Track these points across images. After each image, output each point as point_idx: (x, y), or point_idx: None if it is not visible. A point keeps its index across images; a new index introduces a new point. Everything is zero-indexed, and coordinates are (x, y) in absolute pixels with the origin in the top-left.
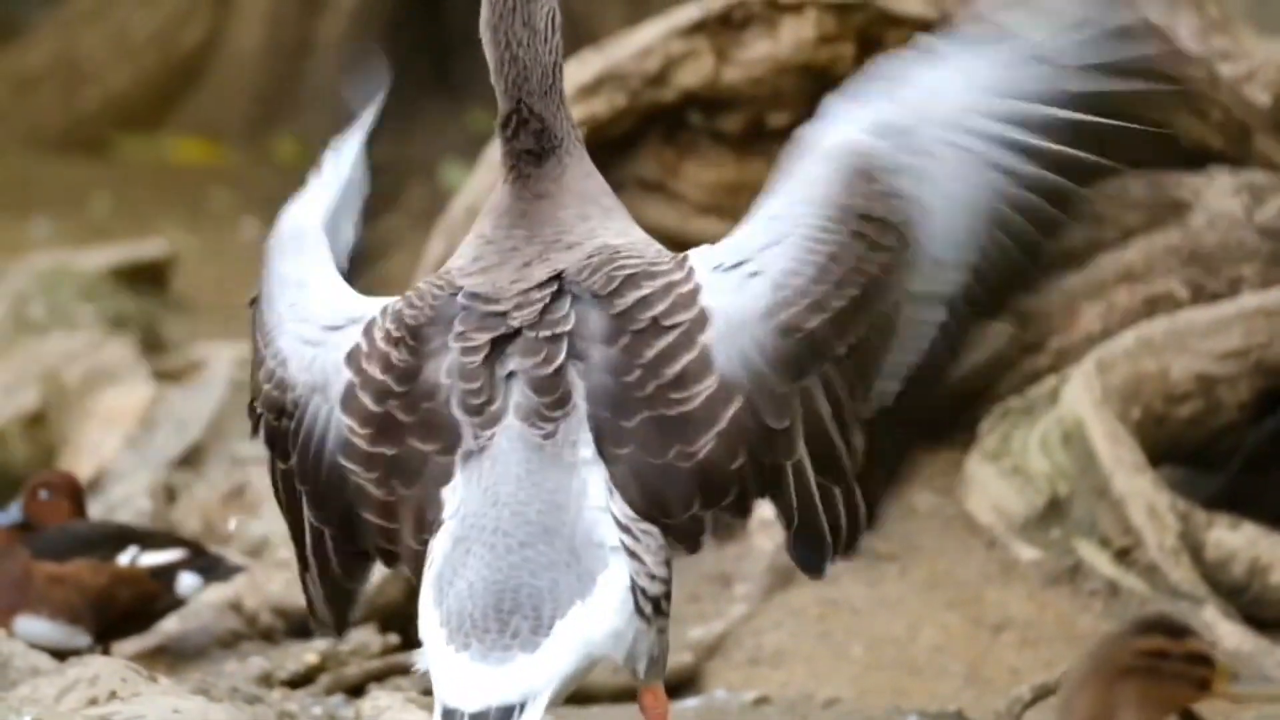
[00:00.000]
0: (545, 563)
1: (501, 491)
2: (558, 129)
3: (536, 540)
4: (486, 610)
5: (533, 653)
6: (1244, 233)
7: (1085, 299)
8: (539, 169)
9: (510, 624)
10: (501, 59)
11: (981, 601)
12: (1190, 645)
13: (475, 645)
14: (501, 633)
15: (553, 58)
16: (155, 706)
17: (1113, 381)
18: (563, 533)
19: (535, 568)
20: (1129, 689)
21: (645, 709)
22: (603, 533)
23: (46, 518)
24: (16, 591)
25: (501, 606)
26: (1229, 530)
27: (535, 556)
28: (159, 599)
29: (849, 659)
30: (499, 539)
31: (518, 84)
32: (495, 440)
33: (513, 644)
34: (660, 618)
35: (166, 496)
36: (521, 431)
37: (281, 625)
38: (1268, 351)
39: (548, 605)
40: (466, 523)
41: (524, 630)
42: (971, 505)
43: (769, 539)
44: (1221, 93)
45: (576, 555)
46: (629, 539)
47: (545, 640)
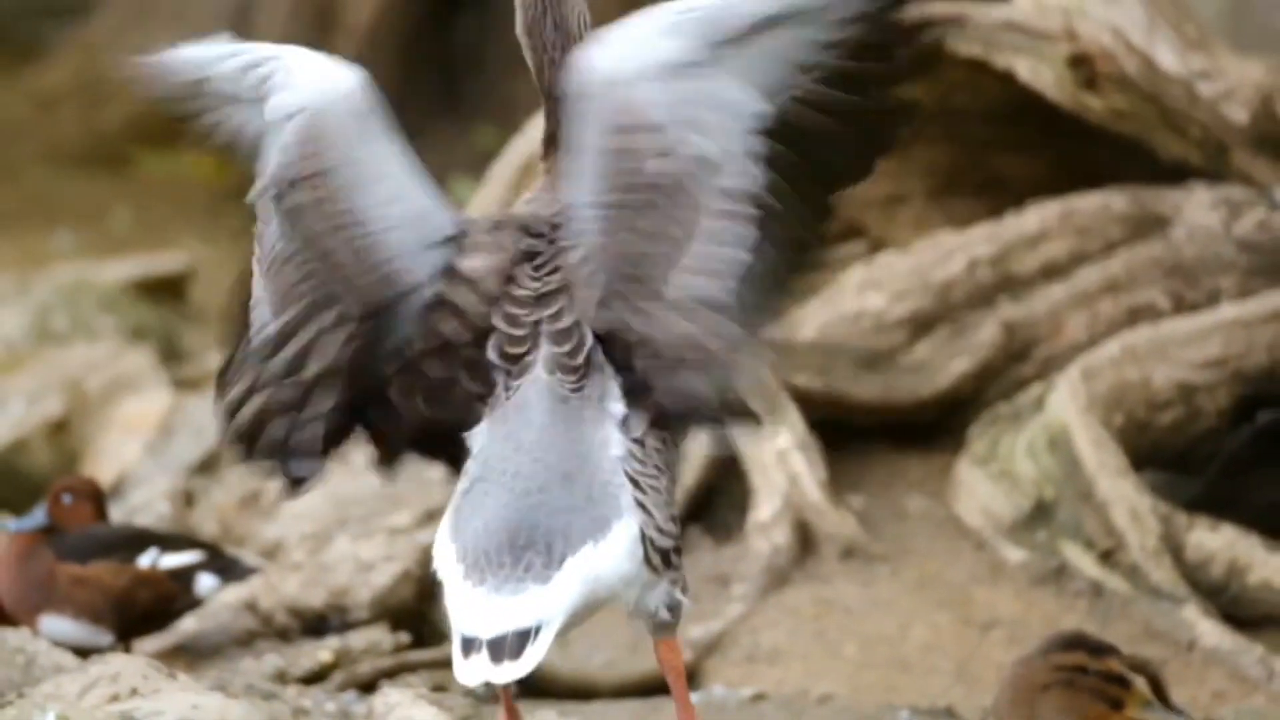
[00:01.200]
0: (561, 506)
1: (524, 438)
2: None
3: (553, 485)
4: (501, 546)
5: (544, 584)
6: (1222, 246)
7: (1070, 309)
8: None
9: (523, 559)
10: (540, 62)
11: (970, 601)
12: (1108, 664)
13: (490, 579)
14: (515, 566)
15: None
16: (175, 703)
17: (1097, 389)
18: (580, 479)
19: (551, 509)
20: (1049, 702)
21: (661, 660)
22: (619, 483)
23: (69, 521)
24: (41, 592)
25: (516, 542)
26: (1209, 532)
27: (550, 500)
28: (178, 599)
29: (843, 657)
30: (517, 482)
31: (556, 85)
32: (522, 390)
33: (526, 576)
34: (670, 570)
35: (185, 501)
36: (549, 383)
37: (296, 624)
38: (1245, 360)
39: (559, 543)
40: (487, 465)
41: (536, 564)
42: (961, 508)
43: (765, 540)
44: (1200, 110)
45: (592, 501)
46: (639, 493)
47: (556, 574)
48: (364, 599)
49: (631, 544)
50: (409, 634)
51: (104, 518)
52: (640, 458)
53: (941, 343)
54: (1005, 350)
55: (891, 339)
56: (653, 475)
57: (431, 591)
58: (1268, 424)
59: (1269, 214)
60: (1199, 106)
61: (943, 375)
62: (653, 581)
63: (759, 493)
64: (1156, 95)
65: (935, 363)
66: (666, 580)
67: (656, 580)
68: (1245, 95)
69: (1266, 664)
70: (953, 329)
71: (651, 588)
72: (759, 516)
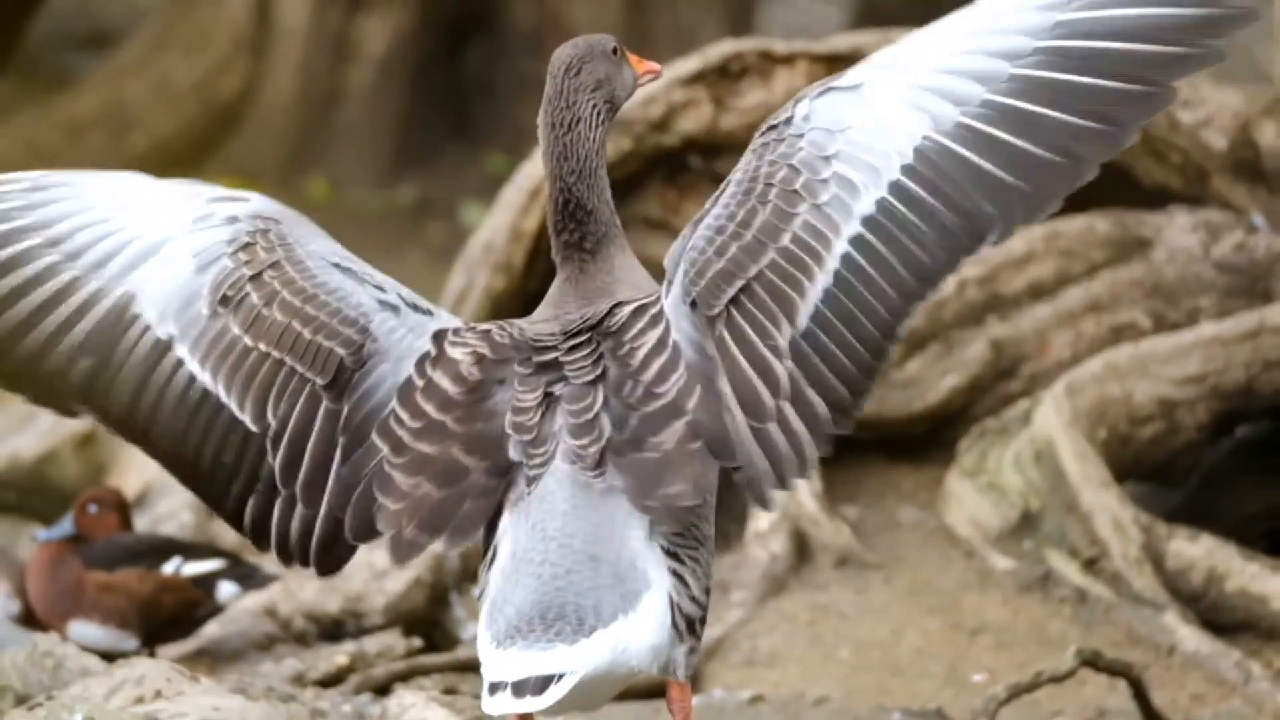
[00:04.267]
0: (589, 585)
1: (549, 526)
2: (602, 216)
3: (582, 566)
4: (533, 619)
5: (571, 645)
6: (1201, 267)
7: (1055, 328)
8: (594, 263)
9: (554, 626)
10: (548, 142)
11: (960, 607)
12: None
13: (521, 642)
14: (546, 631)
15: (596, 145)
16: (197, 705)
17: (1081, 404)
18: (607, 559)
19: (580, 589)
20: None
21: (671, 699)
22: (646, 559)
23: (96, 530)
24: (70, 598)
25: (547, 616)
26: (1188, 541)
27: (580, 580)
28: (200, 605)
29: (837, 660)
30: (545, 569)
31: (561, 168)
32: (543, 481)
33: (555, 639)
34: (693, 638)
35: (207, 511)
36: (570, 472)
37: (313, 629)
38: (1223, 377)
39: (590, 617)
40: (517, 558)
41: (566, 631)
42: (951, 518)
43: (764, 549)
44: (1181, 137)
45: (620, 579)
46: (677, 564)
47: (584, 640)
48: (378, 605)
49: (661, 615)
50: (421, 639)
51: (129, 527)
52: (681, 531)
53: (932, 360)
54: (993, 367)
55: None
56: (692, 547)
57: (442, 598)
58: (1245, 438)
59: (1246, 237)
60: (1180, 133)
61: (934, 391)
62: (677, 646)
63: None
64: None
65: (926, 379)
66: (686, 646)
67: (679, 645)
68: (1224, 123)
69: (1243, 668)
70: (943, 347)
71: (674, 651)
72: (758, 526)
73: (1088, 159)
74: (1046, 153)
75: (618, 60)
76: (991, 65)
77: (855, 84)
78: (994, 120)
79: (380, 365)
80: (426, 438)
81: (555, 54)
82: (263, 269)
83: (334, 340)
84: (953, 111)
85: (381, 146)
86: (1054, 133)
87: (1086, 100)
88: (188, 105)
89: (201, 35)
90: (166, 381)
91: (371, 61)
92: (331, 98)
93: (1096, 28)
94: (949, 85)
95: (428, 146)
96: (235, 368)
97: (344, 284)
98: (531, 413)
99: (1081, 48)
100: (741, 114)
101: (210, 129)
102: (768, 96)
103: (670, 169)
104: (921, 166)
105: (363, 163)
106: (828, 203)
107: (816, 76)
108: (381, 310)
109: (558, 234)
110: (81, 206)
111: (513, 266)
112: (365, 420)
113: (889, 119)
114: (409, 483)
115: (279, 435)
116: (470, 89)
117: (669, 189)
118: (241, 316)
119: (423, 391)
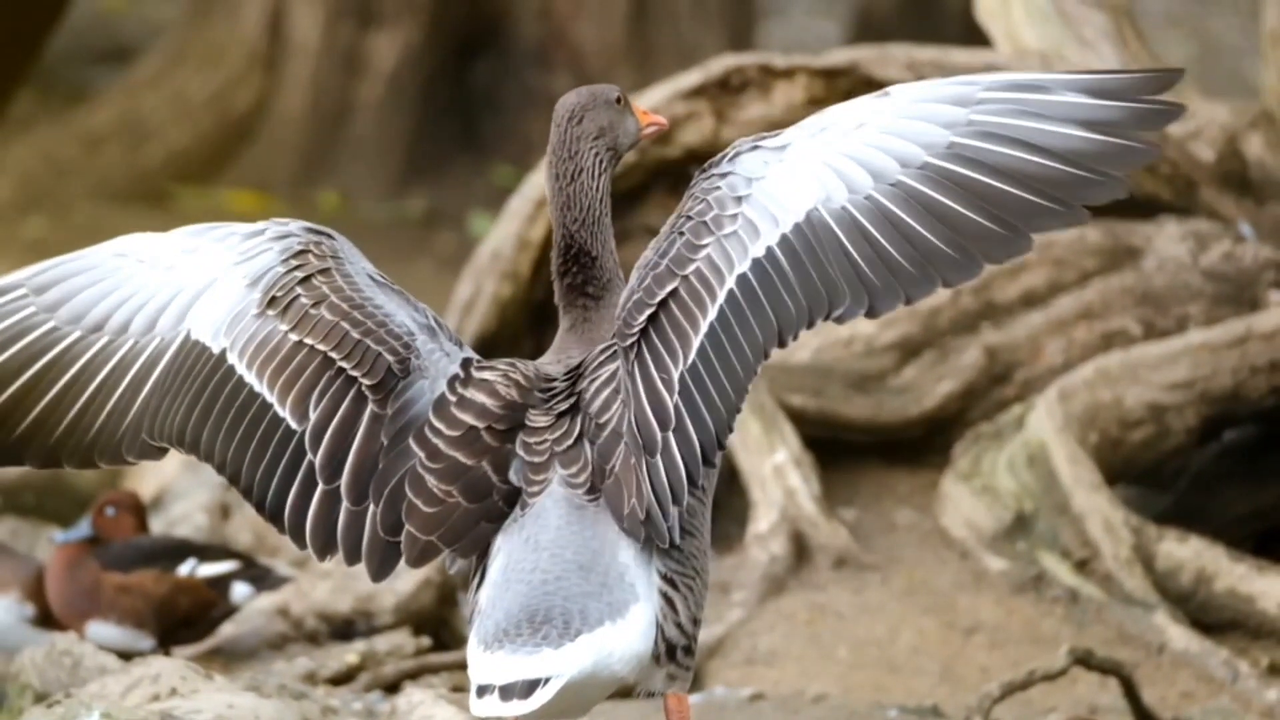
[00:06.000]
0: (577, 592)
1: (542, 538)
2: (606, 263)
3: (571, 574)
4: (520, 622)
5: (557, 649)
6: (1190, 275)
7: (1048, 335)
8: (597, 311)
9: (540, 630)
10: (553, 192)
11: (955, 607)
12: None
13: (508, 645)
14: (533, 635)
15: (600, 195)
16: (211, 702)
17: (1073, 409)
18: (597, 570)
19: (569, 594)
20: None
21: (669, 708)
22: (636, 575)
23: (113, 533)
24: (87, 599)
25: (534, 619)
26: (1178, 543)
27: (568, 586)
28: (215, 606)
29: (835, 659)
30: (536, 575)
31: (565, 216)
32: (539, 502)
33: (542, 644)
34: (672, 664)
35: (221, 513)
36: (565, 495)
37: (325, 629)
38: (1212, 383)
39: (576, 620)
40: (508, 570)
41: (553, 634)
42: (946, 520)
43: (763, 550)
44: (1170, 149)
45: (609, 588)
46: (669, 588)
47: (569, 644)
48: (388, 605)
49: (647, 627)
50: (430, 638)
51: (145, 529)
52: (679, 560)
53: (928, 366)
54: (987, 373)
55: (881, 362)
56: (689, 577)
57: (451, 598)
58: (1233, 442)
59: (1234, 246)
60: (1169, 145)
61: (929, 396)
62: (659, 671)
63: (757, 506)
64: None
65: (922, 384)
66: (665, 671)
67: (661, 669)
68: (1212, 135)
69: (1232, 666)
70: (938, 353)
71: (654, 674)
72: (757, 528)
73: (975, 262)
74: (942, 244)
75: (621, 109)
76: (908, 150)
77: (781, 145)
78: (899, 200)
79: (420, 380)
80: (462, 447)
81: (559, 102)
82: (313, 273)
83: (382, 346)
84: (859, 188)
85: (391, 159)
86: (954, 225)
87: (992, 203)
88: (202, 118)
89: (216, 50)
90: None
91: (381, 76)
92: (342, 111)
93: (1005, 133)
94: (863, 161)
95: (436, 159)
96: (279, 364)
97: (388, 302)
98: (542, 435)
99: (991, 150)
100: (742, 126)
101: (224, 142)
102: (768, 109)
103: (672, 180)
104: (810, 228)
105: (373, 174)
106: (729, 237)
107: (815, 90)
108: (421, 331)
109: (561, 277)
110: (106, 285)
111: (519, 274)
112: (404, 429)
113: (799, 180)
114: (442, 489)
115: (319, 432)
116: (478, 103)
117: (671, 199)
118: (289, 315)
119: (457, 405)
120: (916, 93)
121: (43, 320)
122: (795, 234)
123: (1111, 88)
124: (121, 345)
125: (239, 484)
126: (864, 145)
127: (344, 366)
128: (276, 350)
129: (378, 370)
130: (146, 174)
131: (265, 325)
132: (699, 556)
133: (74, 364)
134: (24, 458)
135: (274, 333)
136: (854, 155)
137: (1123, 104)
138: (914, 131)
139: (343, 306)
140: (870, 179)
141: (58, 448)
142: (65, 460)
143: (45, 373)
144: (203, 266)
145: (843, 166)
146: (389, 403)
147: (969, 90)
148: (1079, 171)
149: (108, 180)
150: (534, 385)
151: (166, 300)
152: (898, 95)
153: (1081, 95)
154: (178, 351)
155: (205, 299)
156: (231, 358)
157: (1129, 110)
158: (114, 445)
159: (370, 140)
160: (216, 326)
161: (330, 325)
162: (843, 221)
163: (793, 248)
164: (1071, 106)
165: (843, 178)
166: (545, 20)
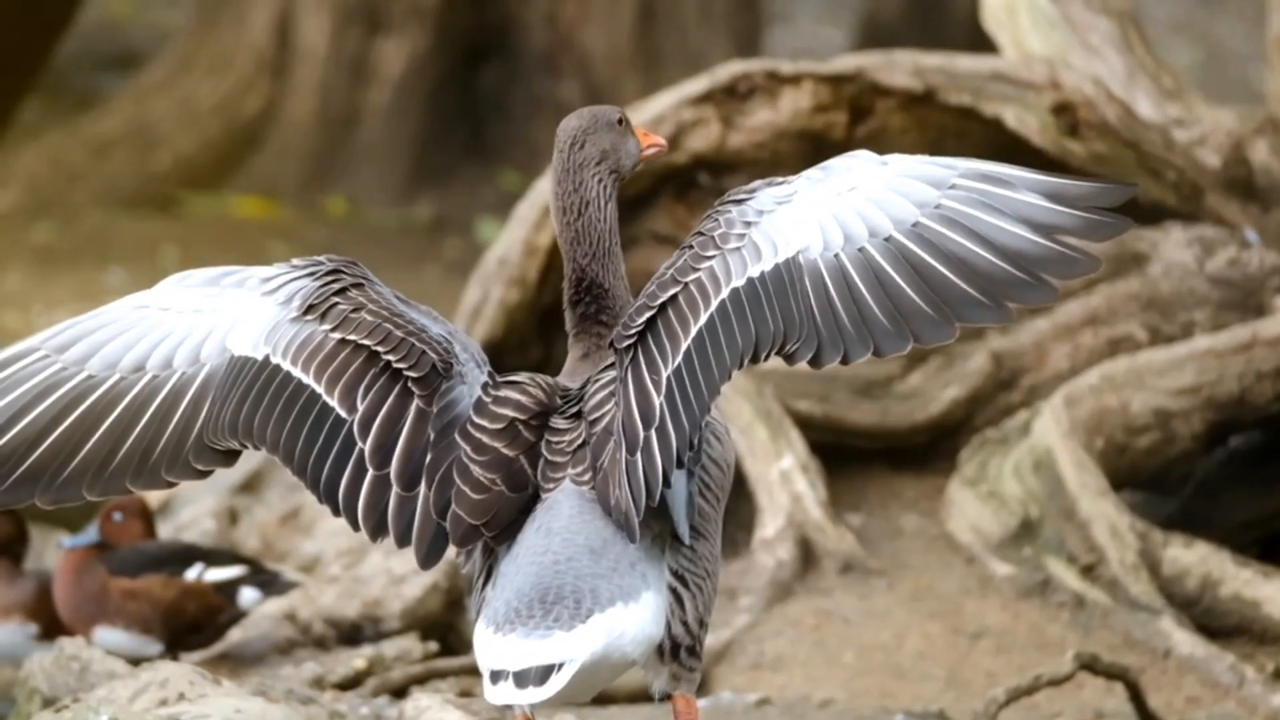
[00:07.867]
0: (589, 573)
1: (553, 525)
2: (618, 293)
3: (582, 556)
4: (532, 602)
5: (569, 631)
6: (1196, 281)
7: (1054, 341)
8: (608, 339)
9: (552, 611)
10: (560, 225)
11: (961, 612)
12: None
13: (520, 628)
14: (545, 616)
15: (608, 225)
16: (219, 707)
17: (1079, 415)
18: (607, 555)
19: (580, 574)
20: None
21: (677, 713)
22: (647, 566)
23: (121, 538)
24: (95, 604)
25: (546, 599)
26: (1183, 548)
27: (580, 566)
28: (223, 611)
29: (841, 664)
30: (547, 557)
31: (576, 250)
32: (552, 495)
33: (554, 626)
34: (675, 663)
35: (229, 518)
36: (577, 490)
37: (332, 634)
38: (1217, 388)
39: (588, 600)
40: (519, 557)
41: (564, 616)
42: (952, 526)
43: (770, 556)
44: (1176, 155)
45: (619, 573)
46: (679, 584)
47: (581, 626)
48: (396, 610)
49: (657, 611)
50: (438, 643)
51: (153, 535)
52: (690, 559)
53: (934, 372)
54: (994, 379)
55: (888, 368)
56: (700, 577)
57: (458, 603)
58: (1238, 448)
59: (1240, 252)
60: (1175, 152)
61: (935, 402)
62: (661, 666)
63: (764, 512)
64: (1135, 141)
65: (928, 390)
66: (670, 669)
67: (661, 666)
68: (1218, 141)
69: (1237, 671)
70: (944, 359)
71: (659, 670)
72: (764, 534)
73: (904, 337)
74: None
75: (622, 131)
76: (880, 222)
77: (791, 193)
78: (858, 265)
79: (460, 385)
80: (503, 439)
81: (561, 126)
82: (347, 286)
83: (426, 346)
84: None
85: (399, 165)
86: (893, 297)
87: (933, 285)
88: (210, 124)
89: (224, 57)
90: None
91: (389, 82)
92: (350, 117)
93: (964, 222)
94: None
95: (444, 165)
96: (324, 359)
97: (420, 317)
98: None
99: (947, 237)
100: (749, 133)
101: (232, 148)
102: (774, 116)
103: (679, 186)
104: (796, 267)
105: (380, 181)
106: (733, 252)
107: (822, 96)
108: (454, 341)
109: (573, 306)
110: (137, 332)
111: (527, 280)
112: (449, 425)
113: (799, 222)
114: (487, 477)
115: (368, 422)
116: (485, 109)
117: (678, 205)
118: (329, 319)
119: (494, 403)
120: (906, 167)
121: (74, 373)
122: (786, 268)
123: (1069, 194)
124: (170, 378)
125: (292, 467)
126: (847, 209)
127: (390, 359)
128: (320, 347)
129: (423, 365)
130: (154, 180)
131: (305, 328)
132: (710, 560)
133: (119, 403)
134: (79, 493)
135: (315, 333)
136: (838, 216)
137: (1075, 212)
138: (892, 205)
139: (382, 312)
140: (841, 239)
141: (119, 474)
142: (130, 484)
143: (87, 417)
144: (233, 301)
145: (826, 223)
146: (434, 400)
147: (946, 174)
148: (1018, 273)
149: (116, 186)
150: (555, 391)
151: (205, 333)
152: (894, 165)
153: (1040, 197)
154: (226, 371)
155: (243, 324)
156: (276, 359)
157: (1080, 219)
158: (180, 460)
159: (378, 146)
160: (255, 340)
161: (372, 325)
162: (813, 271)
163: (781, 278)
164: (1028, 206)
165: (824, 233)
166: (552, 27)
